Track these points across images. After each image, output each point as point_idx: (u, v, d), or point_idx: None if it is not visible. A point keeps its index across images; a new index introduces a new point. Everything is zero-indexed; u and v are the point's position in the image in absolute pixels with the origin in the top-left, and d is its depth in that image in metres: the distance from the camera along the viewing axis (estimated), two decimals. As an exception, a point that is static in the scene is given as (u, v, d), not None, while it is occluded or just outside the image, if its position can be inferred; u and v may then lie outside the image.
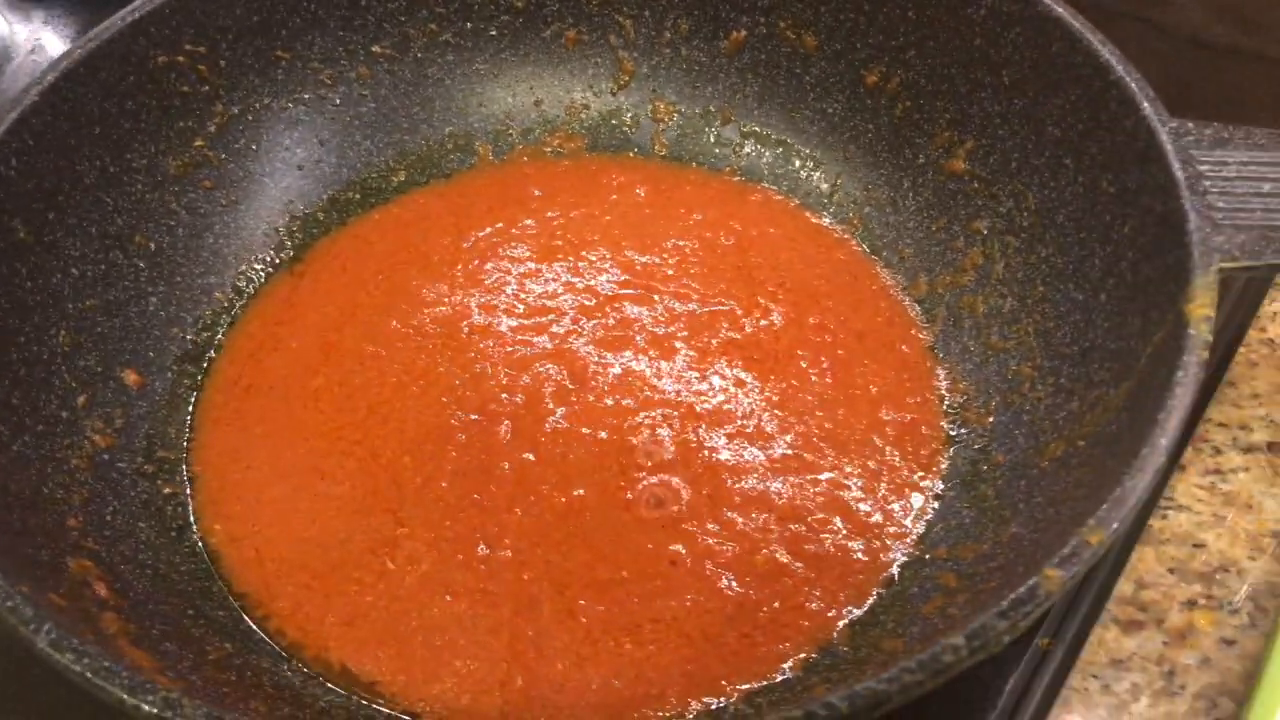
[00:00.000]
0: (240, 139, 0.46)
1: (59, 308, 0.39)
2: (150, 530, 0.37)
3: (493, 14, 0.50)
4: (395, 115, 0.50)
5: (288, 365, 0.44)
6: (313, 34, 0.47)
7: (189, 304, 0.44)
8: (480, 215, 0.49)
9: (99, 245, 0.41)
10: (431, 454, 0.41)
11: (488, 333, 0.44)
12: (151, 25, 0.42)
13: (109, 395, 0.40)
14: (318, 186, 0.49)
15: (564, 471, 0.40)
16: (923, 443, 0.40)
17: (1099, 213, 0.38)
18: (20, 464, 0.35)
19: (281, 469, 0.40)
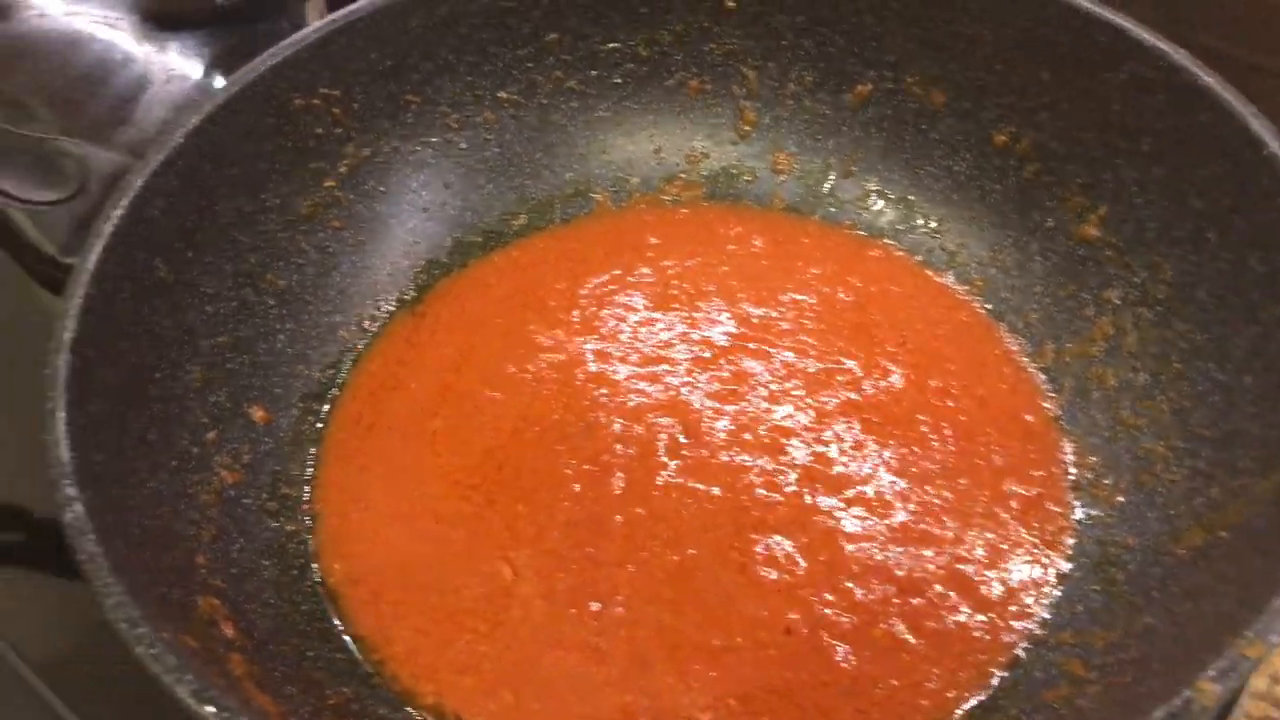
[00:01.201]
0: (369, 180, 0.47)
1: (193, 344, 0.40)
2: (273, 569, 0.38)
3: (618, 62, 0.50)
4: (518, 160, 0.50)
5: (407, 405, 0.44)
6: (442, 79, 0.48)
7: (315, 341, 0.45)
8: (597, 262, 0.49)
9: (232, 283, 0.42)
10: (545, 503, 0.41)
11: (602, 380, 0.45)
12: (291, 69, 0.44)
13: (237, 431, 0.41)
14: (441, 228, 0.49)
15: (677, 529, 0.39)
16: (1048, 519, 0.39)
17: (1245, 291, 0.36)
18: (155, 500, 0.35)
19: (399, 510, 0.41)
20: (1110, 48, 0.41)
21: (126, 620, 0.27)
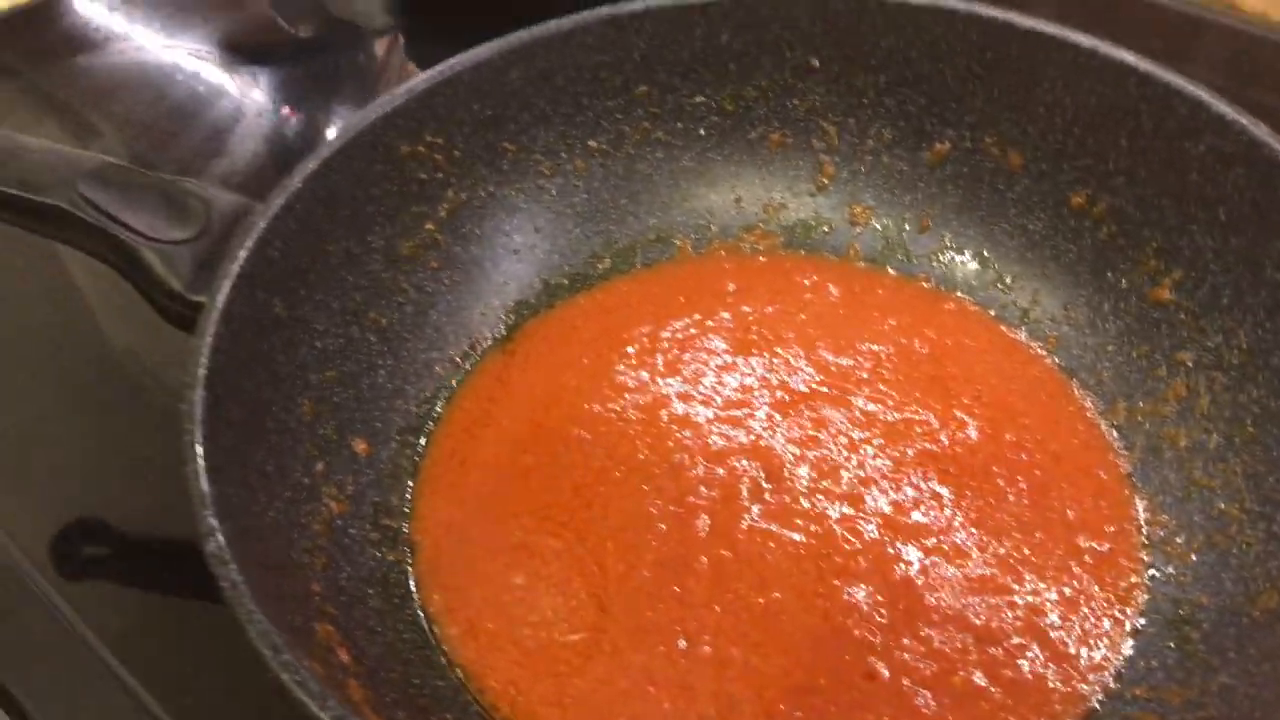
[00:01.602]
0: (466, 224, 0.49)
1: (304, 379, 0.42)
2: (378, 597, 0.40)
3: (704, 115, 0.52)
4: (605, 206, 0.52)
5: (500, 442, 0.46)
6: (537, 128, 0.50)
7: (412, 377, 0.47)
8: (679, 306, 0.51)
9: (339, 320, 0.45)
10: (633, 542, 0.42)
11: (685, 423, 0.46)
12: (401, 117, 0.46)
13: (342, 463, 0.43)
14: (530, 270, 0.51)
15: (761, 572, 0.41)
16: (1121, 574, 0.40)
17: (1321, 362, 0.38)
18: (274, 530, 0.37)
19: (494, 543, 0.43)
20: (1190, 119, 0.43)
21: (271, 648, 0.29)
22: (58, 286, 0.59)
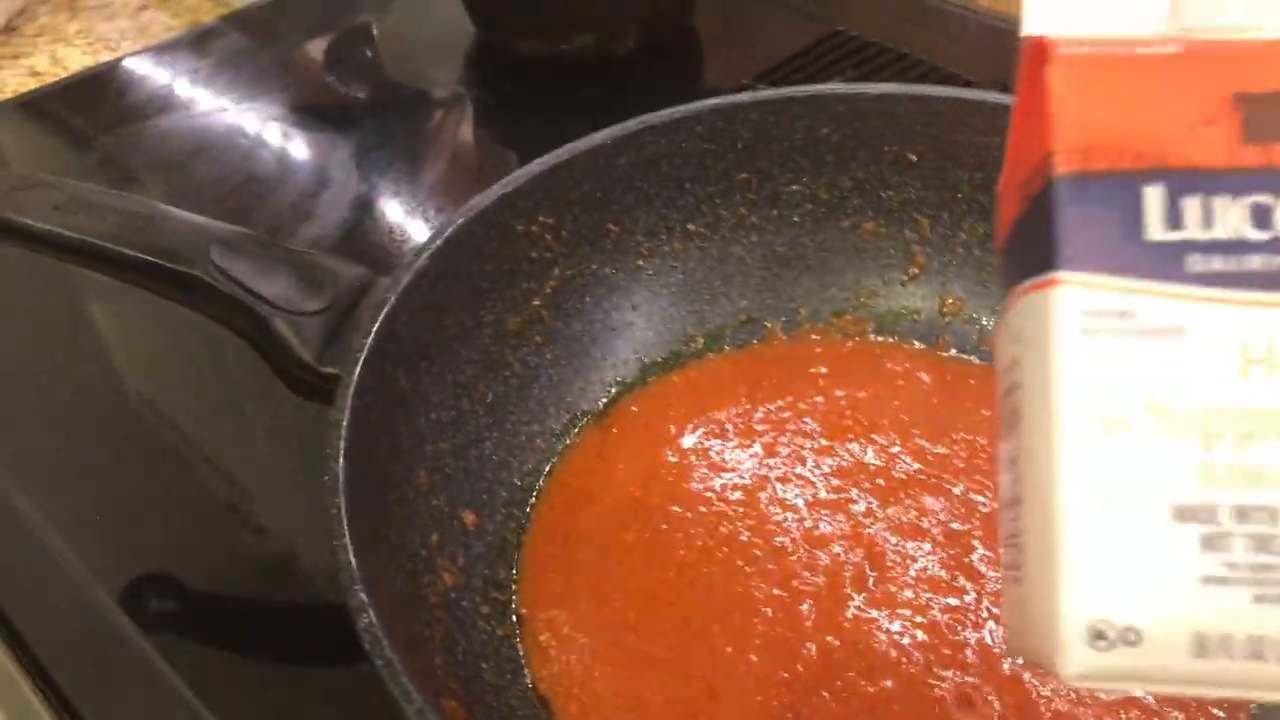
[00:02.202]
0: (569, 300, 0.50)
1: (420, 450, 0.43)
2: (490, 672, 0.40)
3: (799, 203, 0.53)
4: (699, 287, 0.54)
5: (601, 517, 0.47)
6: (640, 211, 0.51)
7: (515, 450, 0.48)
8: (771, 388, 0.52)
9: (452, 393, 0.45)
10: (739, 625, 0.43)
11: (785, 506, 0.47)
12: (518, 198, 0.47)
13: (454, 534, 0.43)
14: (626, 347, 0.52)
15: (869, 661, 0.41)
16: (1229, 676, 0.41)
17: None
18: (400, 602, 0.38)
19: (601, 620, 0.43)
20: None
21: (431, 728, 0.30)
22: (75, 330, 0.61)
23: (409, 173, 0.70)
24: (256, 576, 0.50)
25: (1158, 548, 0.19)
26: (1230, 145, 0.19)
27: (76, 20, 0.86)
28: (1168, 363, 0.19)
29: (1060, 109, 0.20)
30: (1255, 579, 0.18)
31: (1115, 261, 0.19)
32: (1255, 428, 0.19)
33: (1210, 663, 0.18)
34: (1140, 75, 0.20)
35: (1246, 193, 0.19)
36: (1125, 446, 0.19)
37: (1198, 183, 0.19)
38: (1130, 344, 0.19)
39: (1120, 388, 0.19)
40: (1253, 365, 0.19)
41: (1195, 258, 0.19)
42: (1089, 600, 0.19)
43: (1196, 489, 0.19)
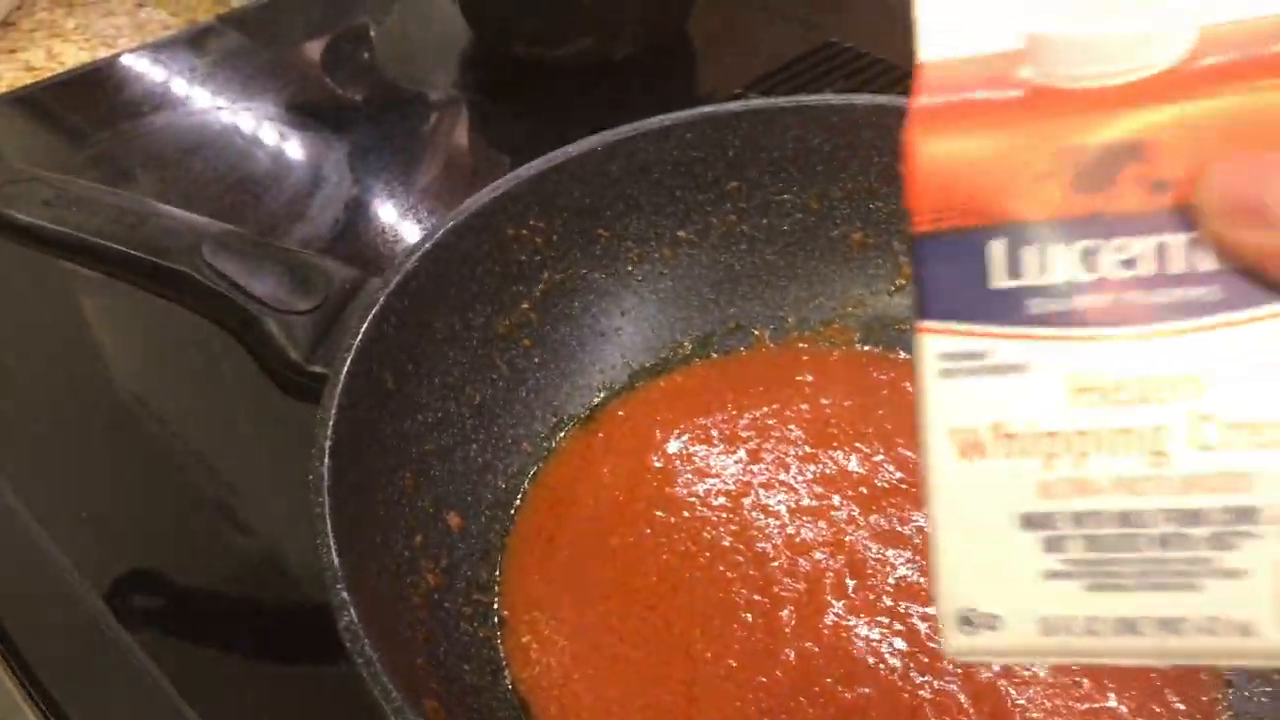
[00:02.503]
0: (558, 304, 0.51)
1: (406, 451, 0.43)
2: (472, 673, 0.40)
3: (789, 212, 0.54)
4: (688, 294, 0.54)
5: (584, 521, 0.47)
6: (631, 217, 0.52)
7: (501, 453, 0.48)
8: (757, 395, 0.52)
9: (439, 395, 0.46)
10: (719, 630, 0.43)
11: (768, 512, 0.47)
12: (510, 201, 0.47)
13: (438, 536, 0.44)
14: (614, 352, 0.53)
15: (847, 667, 0.42)
16: (1202, 689, 0.41)
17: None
18: (381, 602, 0.38)
19: (582, 623, 0.43)
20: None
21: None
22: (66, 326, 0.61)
23: (403, 174, 0.70)
24: (243, 575, 0.50)
25: (1009, 550, 0.22)
26: (1063, 195, 0.21)
27: (74, 16, 0.86)
28: (1011, 395, 0.22)
29: (918, 175, 0.22)
30: (1088, 573, 0.22)
31: (967, 310, 0.22)
32: (1085, 447, 0.21)
33: (1056, 639, 0.22)
34: (988, 133, 0.22)
35: (1077, 239, 0.21)
36: (979, 468, 0.22)
37: (1034, 233, 0.21)
38: (980, 381, 0.22)
39: (973, 418, 0.22)
40: (1080, 393, 0.21)
41: (1033, 301, 0.21)
42: (957, 593, 0.23)
43: (1038, 501, 0.22)
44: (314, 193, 0.68)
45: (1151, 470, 0.21)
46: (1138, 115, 0.21)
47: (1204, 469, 0.21)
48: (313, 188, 0.68)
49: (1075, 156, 0.21)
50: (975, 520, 0.22)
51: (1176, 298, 0.21)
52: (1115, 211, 0.21)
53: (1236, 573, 0.21)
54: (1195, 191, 0.21)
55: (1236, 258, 0.20)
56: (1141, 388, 0.21)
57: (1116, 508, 0.21)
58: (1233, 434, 0.21)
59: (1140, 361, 0.21)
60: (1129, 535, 0.21)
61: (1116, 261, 0.21)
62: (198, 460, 0.54)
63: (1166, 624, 0.21)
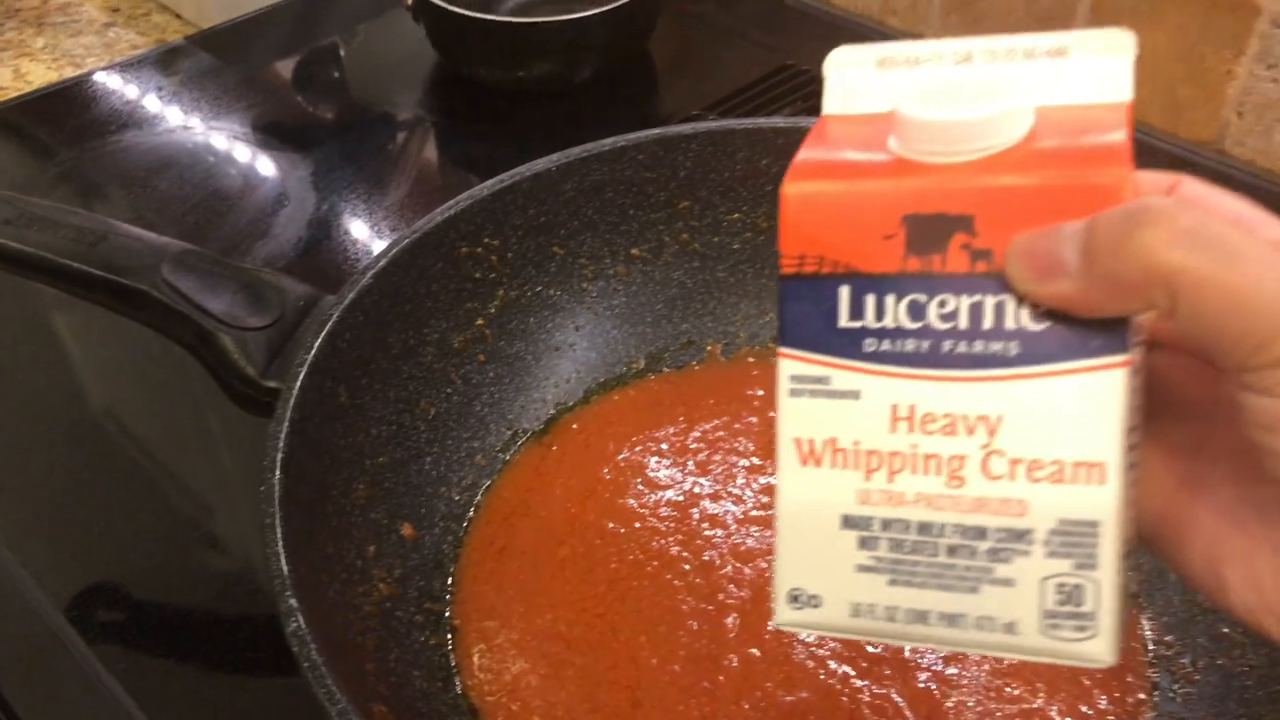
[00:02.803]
0: (513, 320, 0.52)
1: (360, 464, 0.44)
2: (422, 679, 0.42)
3: (739, 231, 0.55)
4: (641, 310, 0.55)
5: (537, 532, 0.48)
6: (585, 235, 0.53)
7: (456, 466, 0.49)
8: (709, 408, 0.54)
9: (393, 408, 0.47)
10: (666, 637, 0.44)
11: (716, 521, 0.49)
12: (464, 220, 0.49)
13: (391, 547, 0.45)
14: (569, 367, 0.54)
15: (788, 672, 0.43)
16: (1129, 690, 0.43)
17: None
18: (333, 610, 0.39)
19: (532, 631, 0.45)
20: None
21: (351, 727, 0.31)
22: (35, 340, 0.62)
23: (368, 193, 0.71)
24: (205, 588, 0.50)
25: (832, 544, 0.26)
26: (899, 255, 0.25)
27: (43, 36, 0.87)
28: (845, 417, 0.25)
29: (788, 224, 0.26)
30: (891, 570, 0.26)
31: (816, 342, 0.25)
32: (898, 465, 0.25)
33: (862, 621, 0.26)
34: (848, 193, 0.25)
35: (908, 292, 0.25)
36: (814, 474, 0.26)
37: (874, 284, 0.25)
38: (820, 402, 0.26)
39: (812, 431, 0.26)
40: (899, 421, 0.25)
41: (869, 341, 0.25)
42: (789, 575, 0.27)
43: (857, 506, 0.26)
44: (278, 211, 0.69)
45: (948, 491, 0.25)
46: (968, 191, 0.24)
47: (990, 494, 0.25)
48: (277, 206, 0.69)
49: (914, 224, 0.24)
50: (808, 517, 0.26)
51: (982, 349, 0.24)
52: (942, 272, 0.24)
53: (1008, 581, 0.25)
54: (1006, 259, 0.24)
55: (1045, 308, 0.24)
56: (948, 422, 0.25)
57: (918, 518, 0.25)
58: (1015, 468, 0.24)
59: (948, 400, 0.25)
60: (926, 542, 0.25)
61: (938, 314, 0.24)
62: (163, 474, 0.55)
63: (949, 618, 0.25)
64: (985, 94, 0.24)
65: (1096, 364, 0.23)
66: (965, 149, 0.24)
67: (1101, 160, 0.23)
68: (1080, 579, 0.24)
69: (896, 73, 0.27)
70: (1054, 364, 0.24)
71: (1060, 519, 0.24)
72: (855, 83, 0.27)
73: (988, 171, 0.24)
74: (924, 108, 0.25)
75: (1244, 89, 0.70)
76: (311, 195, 0.71)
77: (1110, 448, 0.23)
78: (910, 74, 0.27)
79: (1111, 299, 0.23)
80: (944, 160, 0.24)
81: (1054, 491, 0.24)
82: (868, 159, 0.25)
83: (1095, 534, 0.24)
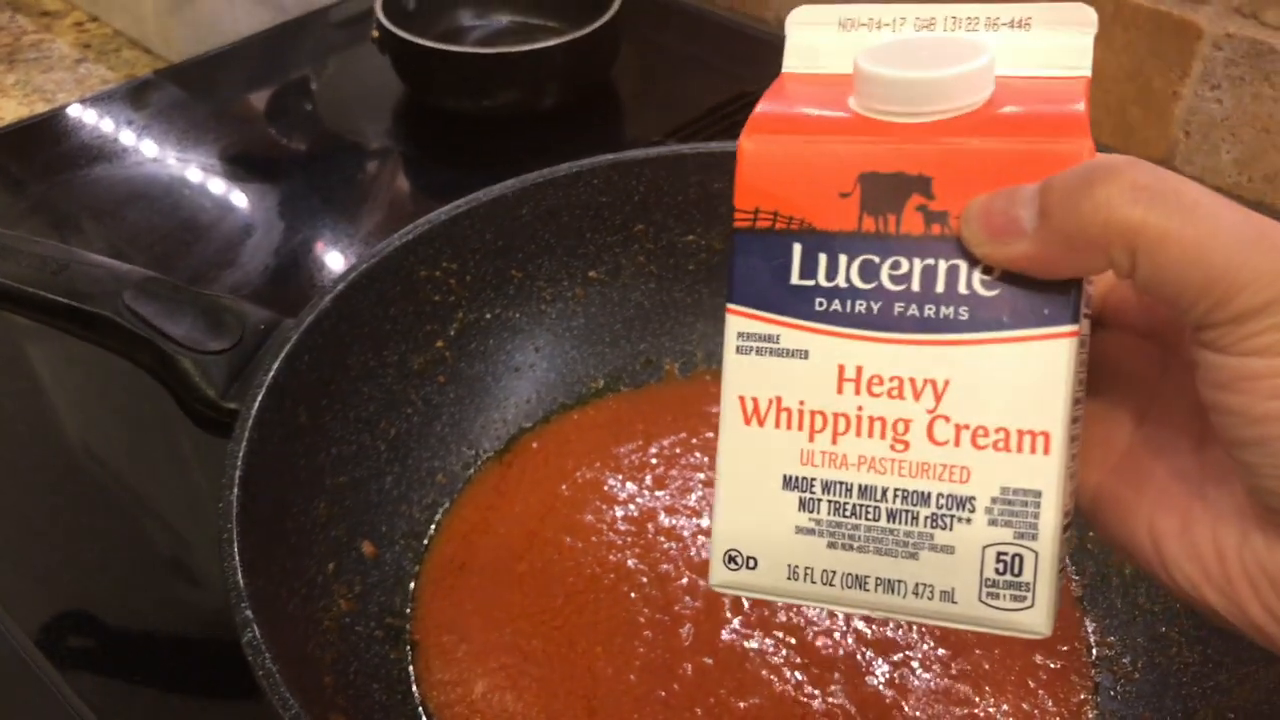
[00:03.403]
0: (472, 342, 0.53)
1: (320, 483, 0.45)
2: (381, 691, 0.42)
3: (694, 253, 0.57)
4: (600, 331, 0.57)
5: (496, 549, 0.49)
6: (542, 258, 0.54)
7: (416, 484, 0.50)
8: (666, 425, 0.55)
9: (354, 428, 0.48)
10: (622, 647, 0.45)
11: (672, 535, 0.50)
12: (422, 244, 0.50)
13: (351, 564, 0.45)
14: (528, 387, 0.55)
15: (741, 679, 0.44)
16: (1073, 691, 0.44)
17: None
18: (292, 624, 0.40)
19: (491, 644, 0.45)
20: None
21: (303, 733, 0.32)
22: (8, 368, 0.63)
23: (334, 222, 0.73)
24: (175, 613, 0.51)
25: (772, 504, 0.26)
26: (854, 214, 0.24)
27: (14, 72, 0.88)
28: (792, 376, 0.25)
29: (743, 177, 0.25)
30: (830, 532, 0.25)
31: (766, 299, 0.25)
32: (842, 427, 0.25)
33: (799, 585, 0.26)
34: (805, 149, 0.25)
35: (860, 252, 0.24)
36: (757, 434, 0.26)
37: (828, 242, 0.25)
38: (768, 360, 0.25)
39: (758, 389, 0.25)
40: (846, 382, 0.25)
41: (819, 300, 0.25)
42: (727, 535, 0.26)
43: (799, 467, 0.25)
44: (245, 240, 0.70)
45: (892, 454, 0.25)
46: (927, 152, 0.24)
47: (934, 459, 0.24)
48: (245, 235, 0.70)
49: (870, 182, 0.24)
50: (749, 476, 0.26)
51: (932, 313, 0.24)
52: (896, 234, 0.24)
53: (948, 549, 0.25)
54: (961, 221, 0.24)
55: (998, 273, 0.24)
56: (894, 385, 0.24)
57: (860, 481, 0.25)
58: (961, 434, 0.24)
59: (896, 363, 0.24)
60: (867, 505, 0.25)
61: (890, 276, 0.24)
62: (133, 500, 0.55)
63: (888, 584, 0.25)
64: (947, 57, 0.24)
65: (1046, 332, 0.23)
66: (925, 110, 0.24)
67: (1061, 129, 0.23)
68: (1020, 548, 0.24)
69: (858, 33, 0.27)
70: (1003, 331, 0.24)
71: (1002, 486, 0.24)
72: (816, 41, 0.27)
73: (947, 134, 0.24)
74: (885, 66, 0.24)
75: (1190, 109, 0.72)
76: (279, 225, 0.72)
77: (1055, 418, 0.23)
78: (872, 35, 0.26)
79: (1068, 258, 0.22)
80: (903, 120, 0.24)
81: (998, 459, 0.24)
82: (826, 115, 0.25)
83: (1037, 504, 0.24)
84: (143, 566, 0.53)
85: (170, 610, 0.51)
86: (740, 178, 0.25)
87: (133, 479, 0.56)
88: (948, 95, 0.24)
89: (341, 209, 0.74)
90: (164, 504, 0.55)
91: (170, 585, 0.52)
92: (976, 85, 0.24)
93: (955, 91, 0.24)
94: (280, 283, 0.66)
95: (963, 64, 0.24)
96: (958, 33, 0.26)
